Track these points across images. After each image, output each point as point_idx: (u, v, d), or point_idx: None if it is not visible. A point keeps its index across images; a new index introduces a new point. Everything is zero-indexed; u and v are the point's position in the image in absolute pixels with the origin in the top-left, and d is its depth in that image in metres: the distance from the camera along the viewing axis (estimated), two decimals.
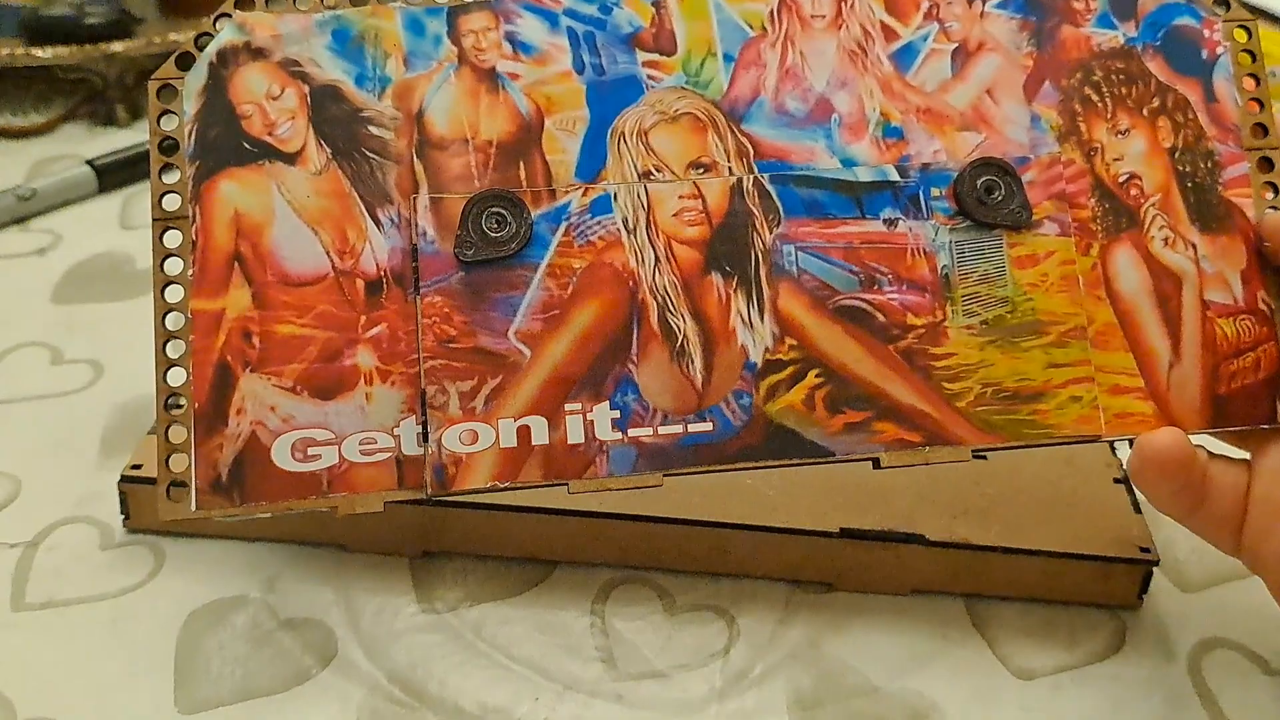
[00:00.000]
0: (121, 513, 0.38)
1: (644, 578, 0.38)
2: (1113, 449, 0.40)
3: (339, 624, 0.35)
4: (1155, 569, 0.36)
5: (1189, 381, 0.33)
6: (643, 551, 0.37)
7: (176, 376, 0.31)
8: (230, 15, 0.33)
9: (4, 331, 0.47)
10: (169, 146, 0.32)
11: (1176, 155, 0.35)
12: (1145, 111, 0.35)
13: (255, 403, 0.31)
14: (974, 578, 0.37)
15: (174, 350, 0.31)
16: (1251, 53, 0.35)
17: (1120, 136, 0.34)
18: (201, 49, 0.33)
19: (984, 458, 0.33)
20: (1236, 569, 0.38)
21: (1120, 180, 0.34)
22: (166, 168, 0.32)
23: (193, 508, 0.30)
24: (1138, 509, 0.38)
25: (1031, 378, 0.33)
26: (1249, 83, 0.35)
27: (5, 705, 0.32)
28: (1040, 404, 0.33)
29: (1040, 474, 0.39)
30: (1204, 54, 0.35)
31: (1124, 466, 0.39)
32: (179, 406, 0.31)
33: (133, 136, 0.61)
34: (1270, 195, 0.35)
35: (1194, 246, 0.34)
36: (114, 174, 0.58)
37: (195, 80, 0.33)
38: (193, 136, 0.32)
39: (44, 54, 0.61)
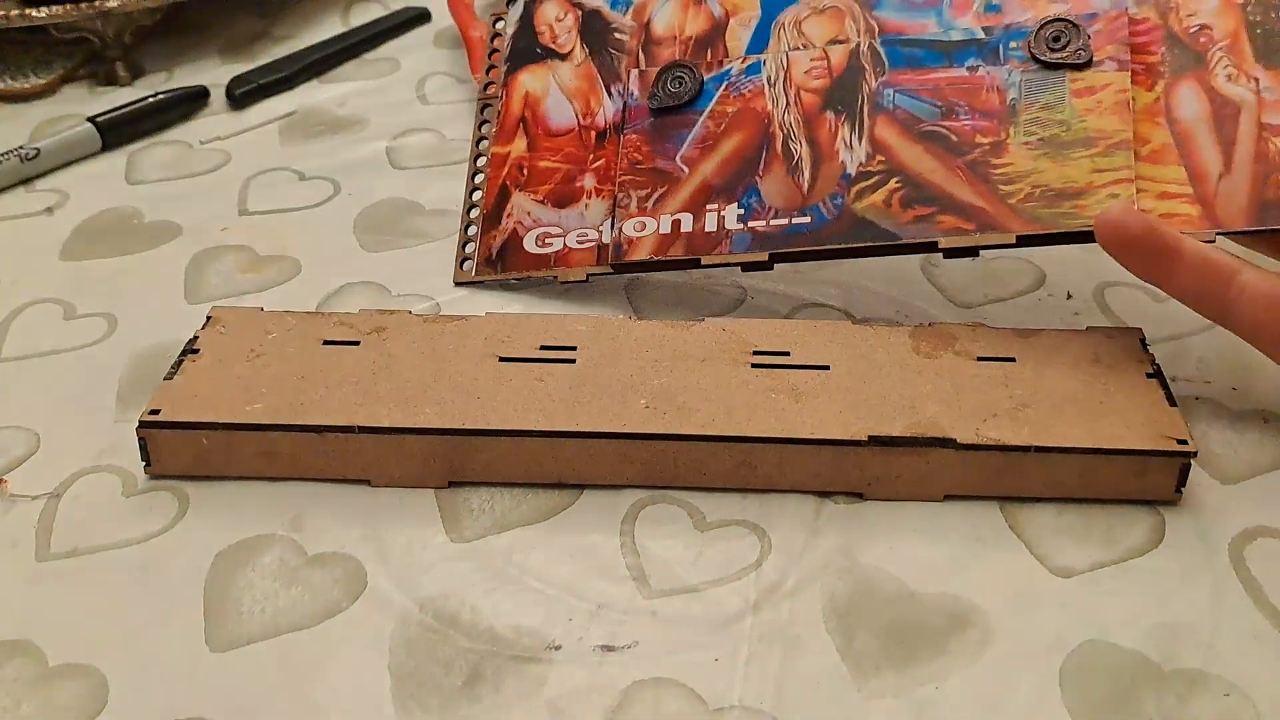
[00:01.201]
0: (142, 459, 0.37)
1: (672, 497, 0.37)
2: (1143, 344, 0.39)
3: (367, 558, 0.35)
4: (1193, 462, 0.36)
5: (1237, 189, 0.37)
6: (670, 472, 0.37)
7: (477, 195, 0.48)
8: None
9: (15, 290, 0.47)
10: (492, 52, 0.50)
11: (1249, 7, 0.39)
12: None
13: (518, 210, 0.46)
14: (1007, 480, 0.36)
15: (478, 179, 0.48)
16: None
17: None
18: None
19: (1029, 244, 0.39)
20: (1276, 458, 0.38)
21: (1191, 30, 0.39)
22: (489, 68, 0.50)
23: (473, 273, 0.46)
24: (1172, 402, 0.37)
25: (1076, 180, 0.38)
26: None
27: (35, 654, 0.32)
28: (1081, 200, 0.38)
29: (1069, 374, 0.38)
30: None
31: (1155, 360, 0.38)
32: (475, 208, 0.47)
33: (134, 95, 0.61)
34: None
35: (1256, 80, 0.38)
36: (117, 131, 0.57)
37: (515, 11, 0.50)
38: (509, 46, 0.50)
39: (39, 14, 0.60)
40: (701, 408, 0.37)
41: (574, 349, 0.39)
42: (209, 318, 0.41)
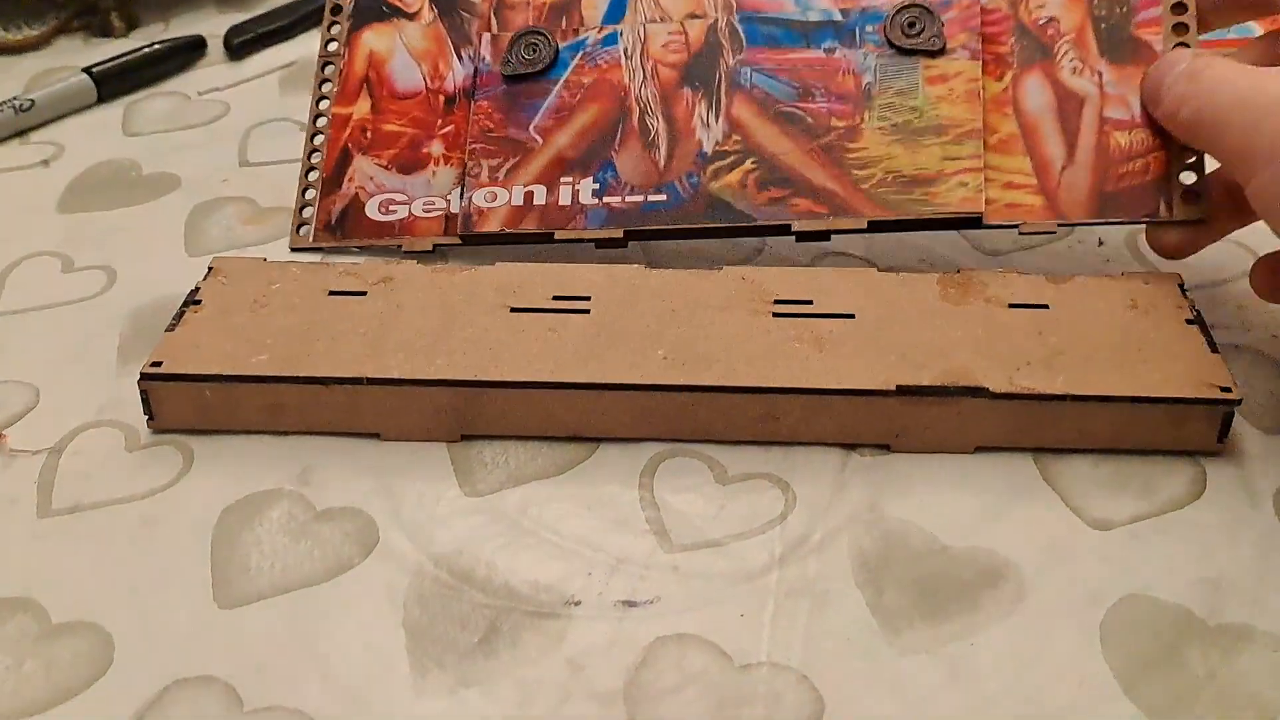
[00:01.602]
0: (145, 412, 0.36)
1: (692, 450, 0.36)
2: (1182, 289, 0.38)
3: (379, 512, 0.34)
4: (1235, 412, 0.34)
5: (1079, 181, 0.39)
6: (689, 424, 0.36)
7: (316, 156, 0.45)
8: None
9: (12, 243, 0.46)
10: (335, 9, 0.47)
11: (1095, 1, 0.40)
12: None
13: (361, 174, 0.44)
14: (1041, 431, 0.35)
15: (318, 140, 0.46)
16: None
17: None
18: None
19: (880, 230, 0.39)
20: None
21: (1040, 22, 0.41)
22: (331, 25, 0.47)
23: (310, 239, 0.44)
24: (1214, 348, 0.35)
25: (928, 168, 0.39)
26: None
27: (38, 611, 0.31)
28: (932, 187, 0.39)
29: (1106, 320, 0.37)
30: None
31: (1194, 306, 0.37)
32: (314, 170, 0.45)
33: (129, 46, 0.59)
34: (1180, 35, 0.39)
35: (1100, 74, 0.40)
36: (113, 82, 0.56)
37: None
38: (352, 4, 0.47)
39: None
40: (721, 358, 0.35)
41: (588, 299, 0.38)
42: (211, 268, 0.40)
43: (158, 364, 0.36)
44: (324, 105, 0.46)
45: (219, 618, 0.31)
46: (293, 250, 0.44)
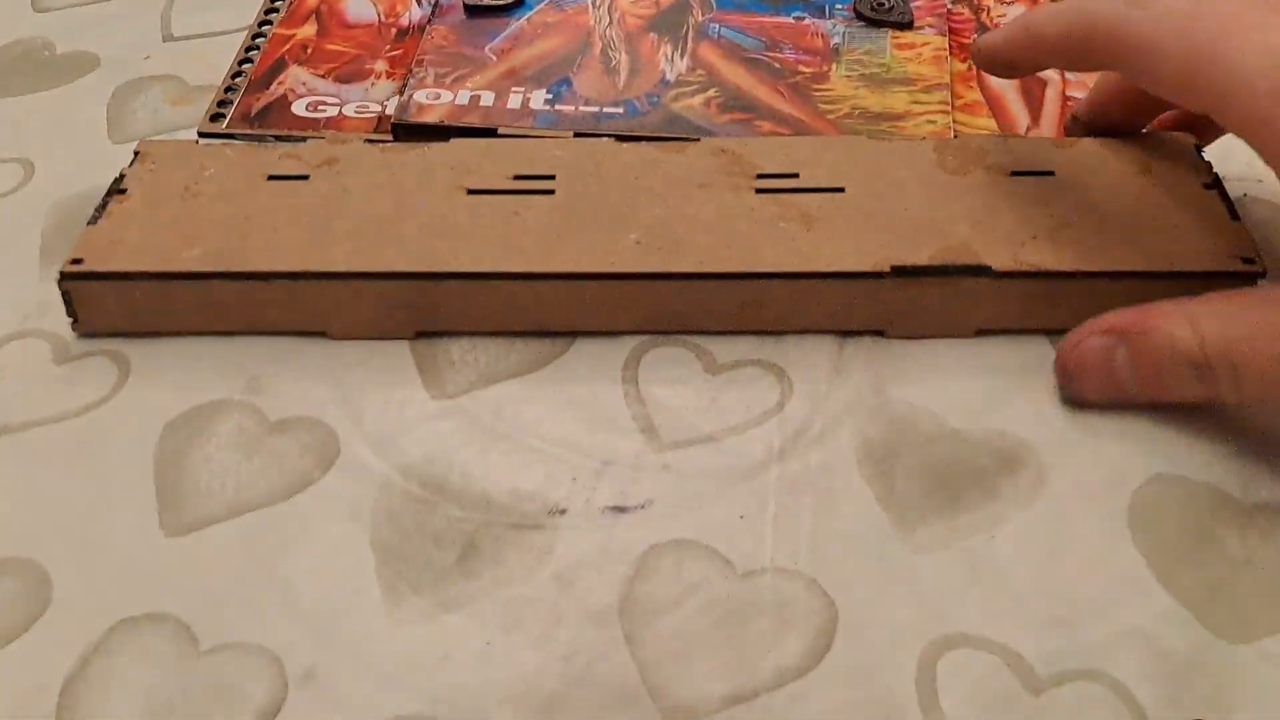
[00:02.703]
0: (68, 315, 0.33)
1: (678, 339, 0.33)
2: (1198, 150, 0.35)
3: (338, 421, 0.31)
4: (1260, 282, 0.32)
5: (1042, 134, 0.39)
6: (667, 314, 0.33)
7: (247, 65, 0.43)
8: None
9: None
10: None
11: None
12: None
13: (294, 80, 0.42)
14: (1049, 311, 0.32)
15: (252, 54, 0.44)
16: None
17: (1004, 3, 0.44)
18: None
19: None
20: None
21: (1000, 23, 0.43)
22: None
23: (223, 126, 0.41)
24: (1235, 215, 0.32)
25: (895, 108, 0.39)
26: None
27: None
28: (900, 122, 0.38)
29: (1116, 188, 0.33)
30: None
31: (1212, 169, 0.34)
32: (240, 75, 0.43)
33: None
34: None
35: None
36: None
37: None
38: None
39: None
40: (700, 241, 0.32)
41: (552, 178, 0.34)
42: (137, 153, 0.36)
43: (79, 261, 0.32)
44: (265, 29, 0.45)
45: (167, 547, 0.28)
46: (200, 136, 0.40)
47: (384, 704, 0.25)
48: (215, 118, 0.41)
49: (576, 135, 0.38)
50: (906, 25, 0.42)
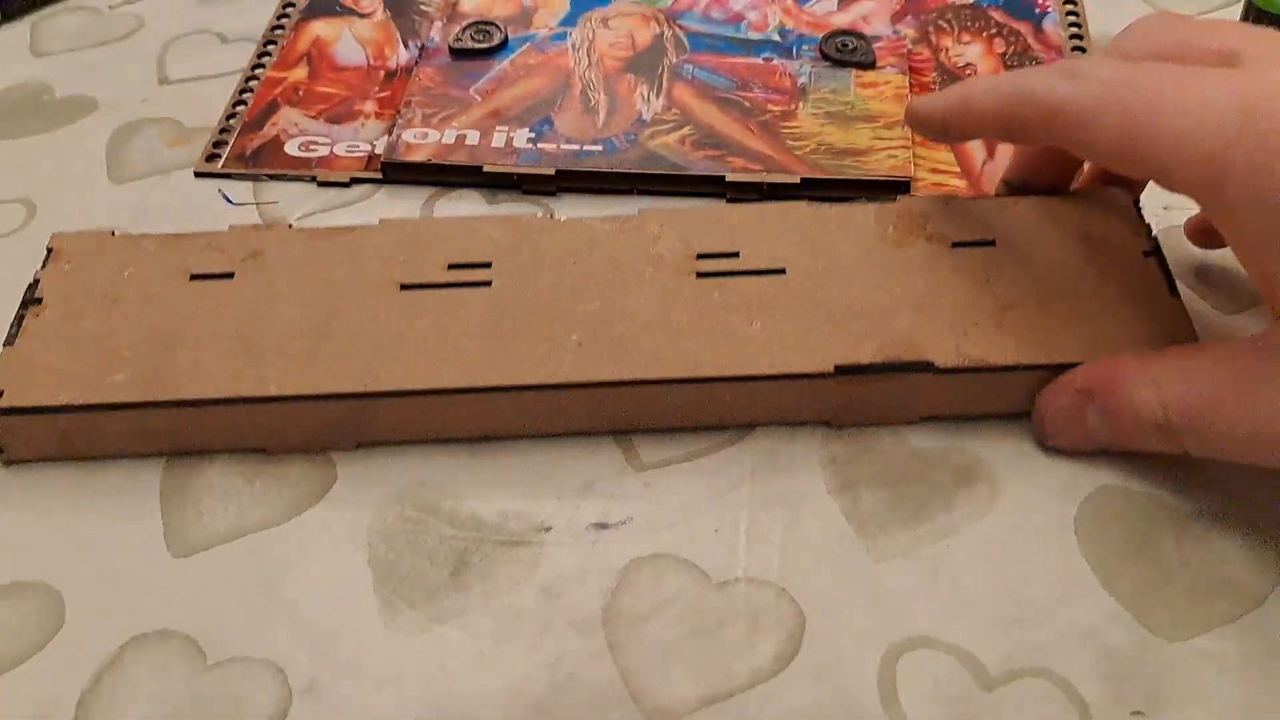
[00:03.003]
0: None
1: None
2: (1137, 207, 0.35)
3: (331, 448, 0.33)
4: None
5: (999, 169, 0.39)
6: (610, 416, 0.32)
7: (241, 107, 0.45)
8: None
9: None
10: (292, 3, 0.50)
11: (1007, 57, 0.46)
12: (984, 34, 0.47)
13: (286, 120, 0.45)
14: (993, 398, 0.32)
15: (245, 96, 0.46)
16: (1073, 5, 0.48)
17: (962, 44, 0.46)
18: None
19: (812, 196, 0.38)
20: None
21: (959, 65, 0.46)
22: (281, 15, 0.50)
23: (219, 166, 0.43)
24: (1173, 290, 0.33)
25: (859, 143, 0.41)
26: (1070, 19, 0.47)
27: None
28: (863, 158, 0.40)
29: (1056, 259, 0.33)
30: (1036, 8, 0.48)
31: (1151, 233, 0.34)
32: (235, 116, 0.45)
33: None
34: None
35: None
36: None
37: None
38: (306, 4, 0.50)
39: None
40: (640, 340, 0.31)
41: (489, 266, 0.33)
42: (50, 250, 0.35)
43: None
44: (259, 71, 0.47)
45: (174, 567, 0.30)
46: (196, 175, 0.42)
47: (383, 711, 0.27)
48: (211, 158, 0.43)
49: (558, 172, 0.40)
50: (869, 65, 0.44)
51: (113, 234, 0.35)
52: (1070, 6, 0.48)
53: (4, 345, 0.32)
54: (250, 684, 0.27)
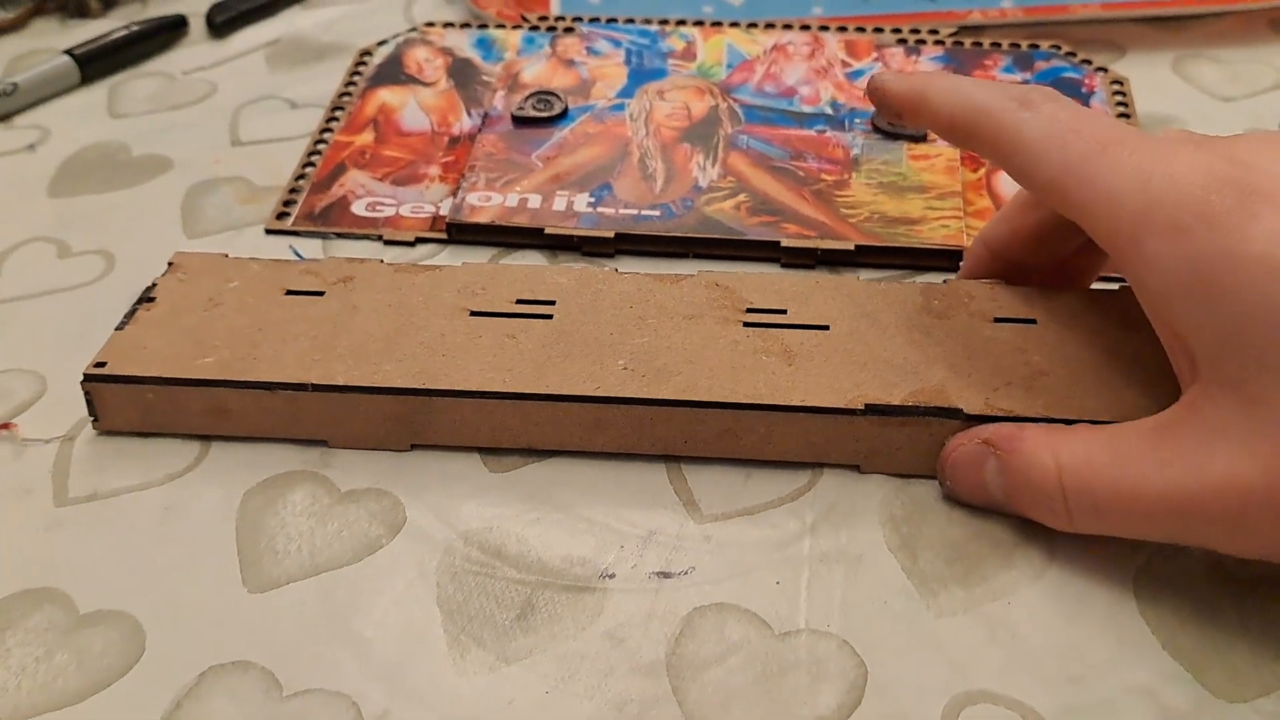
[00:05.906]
0: (89, 414, 0.35)
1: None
2: None
3: (404, 492, 0.34)
4: None
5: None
6: (647, 438, 0.34)
7: (310, 169, 0.47)
8: (417, 29, 0.56)
9: (5, 229, 0.45)
10: (356, 70, 0.53)
11: None
12: None
13: (353, 182, 0.46)
14: None
15: (314, 158, 0.48)
16: (1120, 87, 0.50)
17: None
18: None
19: (866, 263, 0.41)
20: None
21: None
22: (351, 83, 0.52)
23: (289, 224, 0.44)
24: None
25: (912, 213, 0.42)
26: (1116, 99, 0.49)
27: (63, 601, 0.31)
28: (916, 226, 0.42)
29: (1094, 339, 0.34)
30: (1083, 89, 0.50)
31: None
32: (304, 177, 0.47)
33: (106, 25, 0.58)
34: None
35: None
36: (96, 63, 0.54)
37: (384, 50, 0.54)
38: (374, 71, 0.53)
39: None
40: (683, 370, 0.33)
41: (552, 303, 0.36)
42: (170, 264, 0.38)
43: (102, 364, 0.34)
44: (327, 135, 0.49)
45: (250, 602, 0.31)
46: (267, 232, 0.44)
47: None
48: (281, 215, 0.45)
49: (617, 235, 0.42)
50: (920, 138, 0.46)
51: (225, 256, 0.39)
52: (1117, 86, 0.50)
53: (115, 330, 0.36)
54: (326, 714, 0.28)
